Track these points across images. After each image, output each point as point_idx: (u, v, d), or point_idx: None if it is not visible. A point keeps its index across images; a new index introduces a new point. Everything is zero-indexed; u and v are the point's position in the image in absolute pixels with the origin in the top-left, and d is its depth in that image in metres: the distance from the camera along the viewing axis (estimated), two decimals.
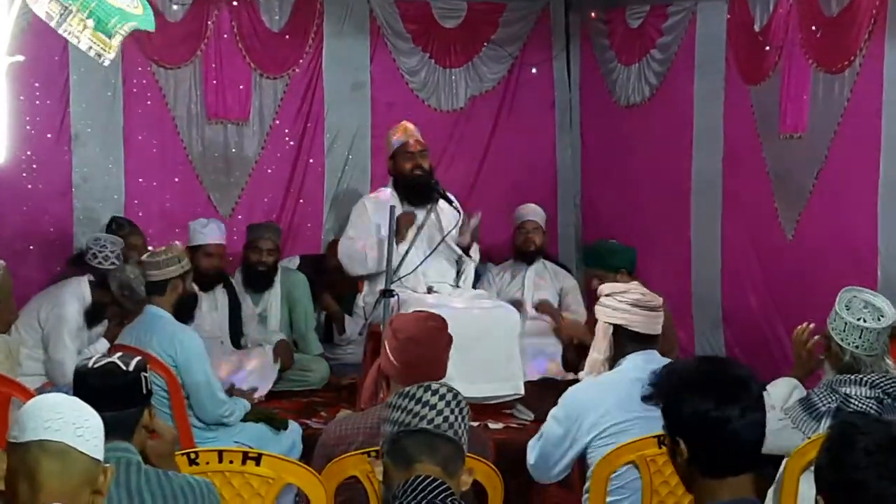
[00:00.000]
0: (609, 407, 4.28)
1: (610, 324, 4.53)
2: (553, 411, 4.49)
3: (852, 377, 4.30)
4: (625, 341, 4.50)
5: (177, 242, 6.75)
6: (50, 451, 2.61)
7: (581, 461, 4.54)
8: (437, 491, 2.89)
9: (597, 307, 4.64)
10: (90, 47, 4.17)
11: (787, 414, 4.29)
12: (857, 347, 4.33)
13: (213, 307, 7.33)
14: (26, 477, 2.60)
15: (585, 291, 7.91)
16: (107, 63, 4.32)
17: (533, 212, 8.15)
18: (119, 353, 3.47)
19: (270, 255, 7.55)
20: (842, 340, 4.36)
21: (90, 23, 4.13)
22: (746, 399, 2.76)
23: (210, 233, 7.34)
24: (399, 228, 6.84)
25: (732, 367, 2.85)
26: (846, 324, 4.34)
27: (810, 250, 7.00)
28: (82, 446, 2.64)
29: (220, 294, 7.36)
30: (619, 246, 7.01)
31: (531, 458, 4.52)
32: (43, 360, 6.47)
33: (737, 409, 2.74)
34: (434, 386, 3.07)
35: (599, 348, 4.56)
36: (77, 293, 6.53)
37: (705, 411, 2.75)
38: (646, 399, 2.94)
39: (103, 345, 6.33)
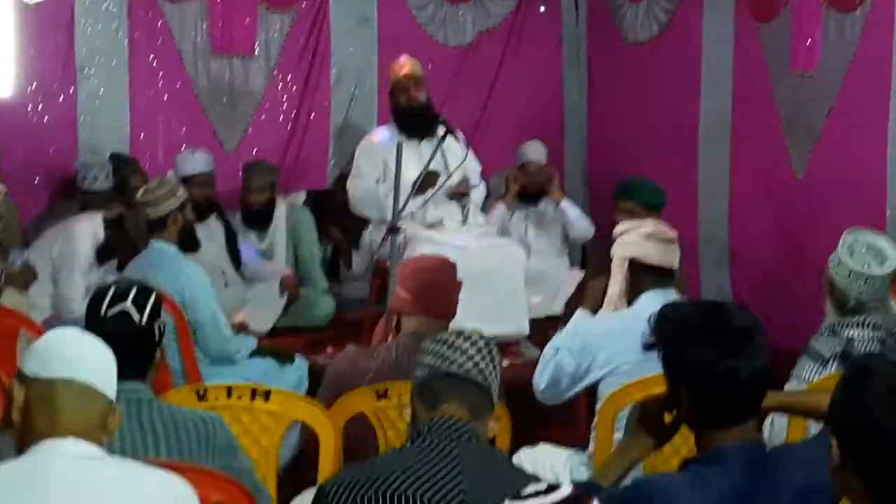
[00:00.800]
0: (622, 345, 4.26)
1: (625, 257, 4.54)
2: (565, 341, 4.49)
3: (854, 319, 4.30)
4: (640, 275, 4.51)
5: (170, 173, 6.72)
6: (73, 388, 2.61)
7: (589, 398, 4.55)
8: (459, 429, 2.91)
9: (614, 245, 4.64)
10: None
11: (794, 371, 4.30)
12: (861, 293, 4.31)
13: (209, 238, 7.23)
14: (46, 412, 2.59)
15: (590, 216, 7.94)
16: None
17: (535, 151, 8.04)
18: (133, 293, 3.44)
19: (262, 194, 7.50)
20: (846, 287, 4.34)
21: None
22: (752, 349, 2.72)
23: (197, 162, 7.29)
24: (423, 187, 6.85)
25: (736, 314, 2.80)
26: (850, 271, 4.31)
27: (820, 189, 6.97)
28: (101, 386, 2.65)
29: (215, 224, 7.26)
30: (658, 186, 6.91)
31: (541, 383, 4.51)
32: (51, 293, 6.47)
33: (743, 360, 2.70)
34: (467, 332, 3.09)
35: (616, 281, 4.57)
36: (90, 230, 6.52)
37: (710, 362, 2.71)
38: (647, 347, 2.91)
39: None
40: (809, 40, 7.00)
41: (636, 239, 4.53)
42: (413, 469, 2.84)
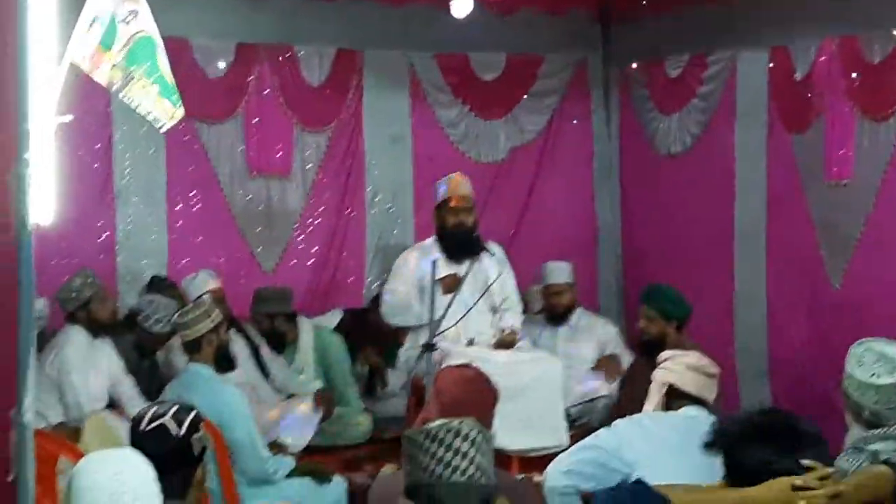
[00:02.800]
0: (648, 447, 4.34)
1: (665, 383, 4.66)
2: (599, 432, 4.54)
3: (877, 432, 4.22)
4: (676, 401, 4.64)
5: (204, 296, 6.75)
6: None
7: None
8: None
9: (655, 371, 4.75)
10: (149, 112, 4.19)
11: None
12: (875, 403, 4.25)
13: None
14: None
15: (625, 333, 7.95)
16: (164, 130, 4.34)
17: (558, 272, 8.04)
18: (172, 410, 3.46)
19: (273, 323, 7.49)
20: (858, 399, 4.29)
21: (154, 89, 4.14)
22: (812, 453, 2.73)
23: (203, 282, 7.38)
24: (445, 289, 6.91)
25: (801, 421, 2.82)
26: (860, 382, 4.24)
27: (857, 299, 6.92)
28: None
29: (236, 338, 7.20)
30: (682, 298, 6.88)
31: (563, 465, 4.45)
32: (57, 402, 6.47)
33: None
34: (461, 429, 3.04)
35: (651, 402, 4.70)
36: (69, 336, 6.61)
37: (769, 461, 2.72)
38: (707, 446, 2.91)
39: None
40: (843, 150, 7.01)
41: (678, 367, 4.67)
42: None
